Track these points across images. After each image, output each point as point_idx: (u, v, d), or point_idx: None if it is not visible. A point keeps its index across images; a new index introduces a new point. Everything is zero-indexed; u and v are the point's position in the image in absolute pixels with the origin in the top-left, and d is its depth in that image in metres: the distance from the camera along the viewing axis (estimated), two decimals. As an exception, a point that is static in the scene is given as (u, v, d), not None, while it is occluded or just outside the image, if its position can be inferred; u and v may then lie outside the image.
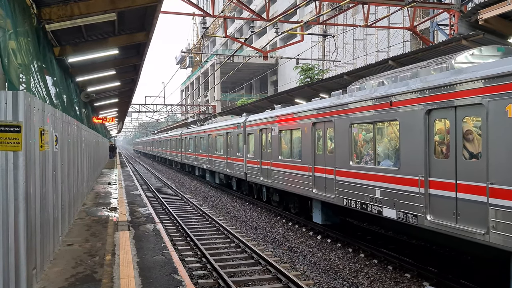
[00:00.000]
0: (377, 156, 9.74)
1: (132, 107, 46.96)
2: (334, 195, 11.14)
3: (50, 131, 6.61)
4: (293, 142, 14.10)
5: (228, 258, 10.67)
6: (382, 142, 9.88)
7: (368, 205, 9.70)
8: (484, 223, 6.72)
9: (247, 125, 18.63)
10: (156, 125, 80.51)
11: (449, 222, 7.42)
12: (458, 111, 7.33)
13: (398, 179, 8.74)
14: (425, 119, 7.98)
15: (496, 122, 6.56)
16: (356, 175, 10.23)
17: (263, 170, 16.32)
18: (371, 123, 9.85)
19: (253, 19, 21.61)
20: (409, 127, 8.42)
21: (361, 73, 15.11)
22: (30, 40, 6.91)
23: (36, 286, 5.72)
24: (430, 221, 7.86)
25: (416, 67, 9.24)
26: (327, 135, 11.75)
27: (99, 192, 16.18)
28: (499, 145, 6.51)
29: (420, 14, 27.74)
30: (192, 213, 17.27)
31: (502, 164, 6.45)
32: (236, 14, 60.06)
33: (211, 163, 24.97)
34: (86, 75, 13.89)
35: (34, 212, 5.55)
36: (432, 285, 8.36)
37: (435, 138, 7.96)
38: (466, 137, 7.27)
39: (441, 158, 7.81)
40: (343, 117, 10.79)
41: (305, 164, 12.78)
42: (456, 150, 7.36)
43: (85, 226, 9.87)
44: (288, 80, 43.91)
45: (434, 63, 8.75)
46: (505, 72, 6.40)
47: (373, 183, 9.53)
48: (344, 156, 10.74)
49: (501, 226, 6.44)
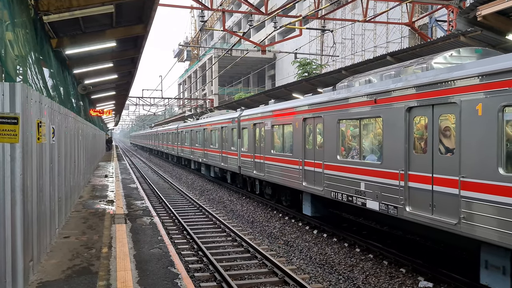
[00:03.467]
0: (363, 151, 10.19)
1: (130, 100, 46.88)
2: (322, 188, 11.55)
3: (47, 123, 6.59)
4: (285, 136, 14.46)
5: (225, 251, 10.70)
6: (367, 137, 10.30)
7: (354, 197, 10.14)
8: (456, 214, 7.19)
9: (241, 120, 18.95)
10: (154, 118, 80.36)
11: (426, 213, 7.89)
12: (435, 109, 7.79)
13: (381, 172, 9.19)
14: (406, 116, 8.43)
15: (468, 120, 7.02)
16: (343, 168, 10.67)
17: (257, 163, 16.67)
18: (357, 119, 10.29)
19: (252, 12, 21.53)
20: (392, 124, 8.88)
21: (359, 68, 15.10)
22: (28, 32, 6.87)
23: (33, 278, 5.73)
24: (409, 212, 8.31)
25: (399, 67, 9.57)
26: (316, 130, 12.14)
27: (96, 185, 16.17)
28: (470, 141, 6.98)
29: (419, 9, 27.72)
30: (189, 206, 17.29)
31: (473, 159, 6.93)
32: (234, 7, 59.84)
33: (207, 157, 25.33)
34: (84, 67, 13.83)
35: (31, 204, 5.55)
36: (427, 280, 8.42)
37: (415, 134, 8.39)
38: (443, 133, 7.71)
39: (419, 153, 8.25)
40: (331, 113, 11.20)
41: (296, 158, 13.19)
42: (433, 146, 7.82)
43: (82, 218, 9.87)
44: (286, 75, 43.88)
45: (416, 63, 9.15)
46: (476, 73, 6.88)
47: (358, 177, 9.97)
48: (332, 151, 11.17)
49: (471, 217, 6.91)
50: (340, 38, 36.06)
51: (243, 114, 18.90)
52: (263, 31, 52.81)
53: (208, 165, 26.09)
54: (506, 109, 6.45)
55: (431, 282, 8.30)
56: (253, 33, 54.89)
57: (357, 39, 35.61)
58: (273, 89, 23.64)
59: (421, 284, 8.29)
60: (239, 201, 18.34)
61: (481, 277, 7.31)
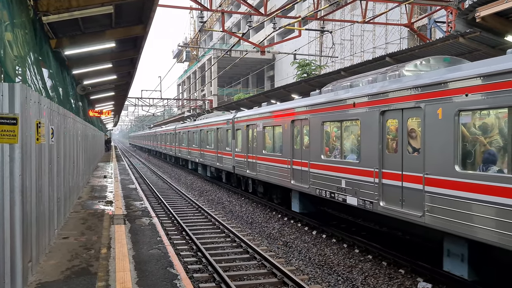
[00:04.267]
0: (344, 151, 11.01)
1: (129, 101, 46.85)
2: (308, 186, 12.31)
3: (46, 124, 6.59)
4: (275, 137, 15.27)
5: (224, 252, 10.70)
6: (348, 138, 11.06)
7: (335, 194, 10.92)
8: (421, 207, 7.97)
9: (235, 121, 19.59)
10: (153, 119, 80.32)
11: (397, 207, 8.67)
12: (404, 113, 8.57)
13: (359, 171, 9.97)
14: (380, 119, 9.20)
15: (430, 123, 7.80)
16: (326, 167, 11.47)
17: (249, 163, 17.37)
18: (339, 122, 11.11)
19: (251, 13, 21.54)
20: (368, 126, 9.63)
21: (358, 69, 15.12)
22: (27, 32, 6.86)
23: (32, 278, 5.73)
24: (382, 207, 9.10)
25: (377, 73, 10.37)
26: (303, 131, 12.88)
27: (94, 185, 16.16)
28: (432, 142, 7.75)
29: (418, 11, 27.76)
30: (187, 207, 17.28)
31: (434, 158, 7.71)
32: (233, 8, 59.85)
33: (203, 157, 25.98)
34: (83, 68, 13.81)
35: (30, 205, 5.54)
36: (426, 280, 8.43)
37: (388, 135, 9.16)
38: (410, 135, 8.48)
39: (391, 152, 9.02)
40: (316, 115, 11.99)
41: (285, 158, 13.92)
42: (403, 146, 8.59)
43: (81, 219, 9.87)
44: (285, 76, 43.91)
45: (390, 70, 9.93)
46: (437, 81, 7.68)
47: (340, 175, 10.75)
48: (317, 151, 11.95)
49: (433, 210, 7.69)
50: (339, 39, 36.09)
51: (237, 116, 19.57)
52: (262, 32, 52.83)
53: (204, 165, 26.70)
54: (462, 114, 7.23)
55: (430, 283, 8.30)
56: (252, 34, 54.91)
57: (356, 40, 35.65)
58: (272, 90, 23.65)
59: (420, 285, 8.29)
60: (238, 202, 18.33)
61: (444, 265, 8.10)
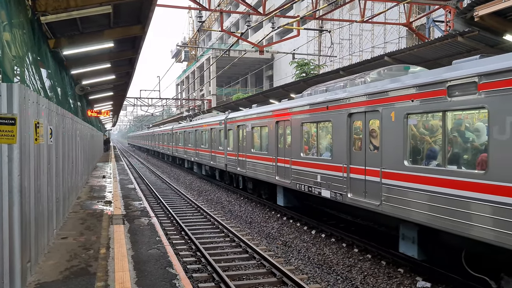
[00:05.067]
0: (319, 149, 12.13)
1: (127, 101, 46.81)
2: (290, 181, 13.41)
3: (44, 124, 6.58)
4: (262, 137, 16.39)
5: (223, 252, 10.69)
6: (323, 138, 12.14)
7: (312, 188, 12.02)
8: (379, 197, 9.05)
9: (227, 122, 20.63)
10: (151, 119, 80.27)
11: (361, 198, 9.79)
12: (366, 115, 9.67)
13: (331, 166, 11.11)
14: (348, 120, 10.34)
15: (385, 124, 8.92)
16: (305, 164, 12.57)
17: (240, 161, 18.48)
18: (315, 123, 12.21)
19: (250, 13, 21.53)
20: (338, 126, 10.75)
21: (357, 69, 15.12)
22: (25, 32, 6.85)
23: (31, 279, 5.72)
24: (350, 198, 10.22)
25: (348, 79, 11.50)
26: (286, 131, 13.95)
27: (93, 185, 16.15)
28: (387, 140, 8.88)
29: (416, 10, 27.77)
30: (186, 207, 17.28)
31: (389, 154, 8.83)
32: (232, 8, 59.84)
33: (198, 156, 27.09)
34: (81, 68, 13.80)
35: (29, 205, 5.54)
36: (425, 280, 8.43)
37: (354, 135, 10.25)
38: (371, 134, 9.56)
39: (357, 150, 10.11)
40: (297, 117, 13.10)
41: (270, 156, 15.06)
42: (366, 144, 9.70)
43: (80, 219, 9.86)
44: (283, 75, 43.91)
45: (358, 77, 11.10)
46: (390, 88, 8.85)
47: (316, 170, 11.89)
48: (297, 149, 13.07)
49: (388, 199, 8.81)
50: (338, 38, 36.09)
51: (229, 117, 20.61)
52: (261, 31, 52.80)
53: (199, 164, 27.78)
54: (409, 116, 8.33)
55: (429, 282, 8.31)
56: (251, 33, 54.90)
57: (355, 39, 35.67)
58: (271, 89, 23.65)
59: (419, 284, 8.30)
60: (237, 201, 18.33)
61: (400, 247, 9.15)
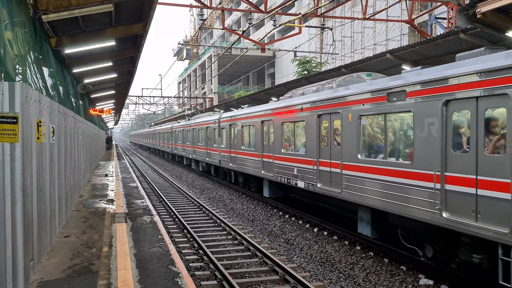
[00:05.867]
0: (296, 146, 13.67)
1: (129, 99, 46.82)
2: (273, 174, 15.08)
3: (47, 122, 6.58)
4: (250, 135, 17.91)
5: (225, 250, 10.70)
6: (298, 135, 13.52)
7: (291, 179, 13.66)
8: (340, 186, 10.73)
9: (221, 121, 22.13)
10: (153, 117, 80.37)
11: (327, 187, 11.43)
12: (332, 116, 11.29)
13: (305, 160, 12.69)
14: (317, 120, 11.94)
15: (345, 124, 10.58)
16: (285, 159, 14.23)
17: (232, 157, 20.08)
18: (293, 122, 13.75)
19: (251, 11, 21.50)
20: (310, 125, 12.35)
21: (359, 66, 15.09)
22: (27, 31, 6.85)
23: (33, 277, 5.74)
24: (319, 187, 11.84)
25: (320, 84, 13.17)
26: (270, 130, 15.57)
27: (96, 184, 16.17)
28: (346, 137, 10.54)
29: (418, 7, 27.66)
30: (189, 205, 17.29)
31: (347, 149, 10.50)
32: (233, 6, 59.74)
33: (195, 153, 28.82)
34: (83, 66, 13.80)
35: (31, 204, 5.54)
36: (427, 277, 8.43)
37: (322, 133, 11.80)
38: (335, 132, 11.09)
39: (325, 146, 11.66)
40: (277, 117, 14.75)
41: (257, 152, 16.73)
42: (331, 141, 11.32)
43: (82, 218, 9.87)
44: (285, 73, 43.84)
45: (327, 83, 12.71)
46: (347, 94, 10.56)
47: (293, 164, 13.47)
48: (279, 146, 14.73)
49: (347, 187, 10.46)
50: (340, 36, 36.03)
51: (222, 117, 22.12)
52: (263, 29, 52.71)
53: (197, 160, 29.49)
54: (361, 117, 10.00)
55: (431, 280, 8.30)
56: (253, 31, 54.82)
57: (357, 37, 35.58)
58: (273, 87, 23.62)
59: (422, 282, 8.30)
60: (239, 199, 18.34)
61: (358, 228, 10.64)
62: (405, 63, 13.35)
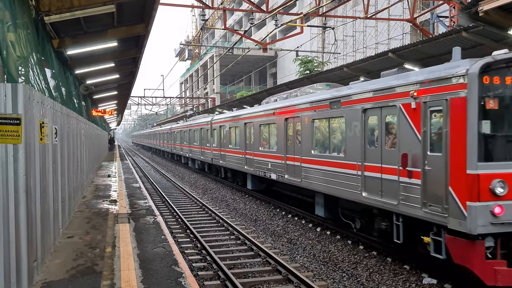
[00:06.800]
0: (270, 144, 16.08)
1: (131, 100, 46.89)
2: (253, 169, 17.57)
3: (49, 123, 6.60)
4: (236, 135, 20.28)
5: (228, 250, 10.70)
6: (272, 135, 16.01)
7: (266, 173, 16.20)
8: (300, 176, 13.11)
9: (212, 123, 24.57)
10: (156, 118, 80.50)
11: (292, 177, 13.82)
12: (294, 119, 13.64)
13: (276, 156, 15.19)
14: (284, 123, 14.33)
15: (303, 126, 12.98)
16: (262, 155, 16.69)
17: (222, 155, 22.50)
18: (267, 124, 16.28)
19: (253, 11, 21.50)
20: (280, 127, 14.83)
21: (361, 65, 15.08)
22: (29, 32, 6.87)
23: (37, 278, 5.75)
24: (287, 178, 14.25)
25: (289, 93, 16.08)
26: (251, 131, 17.96)
27: (99, 184, 16.20)
28: (304, 136, 12.94)
29: (420, 6, 27.59)
30: (191, 205, 17.30)
31: (305, 146, 12.84)
32: (235, 6, 59.71)
33: (192, 152, 31.17)
34: (85, 67, 13.84)
35: (35, 205, 5.56)
36: (431, 276, 8.41)
37: (288, 133, 14.19)
38: (297, 132, 13.37)
39: (291, 144, 13.99)
40: (256, 120, 17.32)
41: (241, 150, 19.14)
42: (294, 139, 13.75)
43: (85, 218, 9.89)
44: (287, 73, 43.79)
45: (293, 92, 15.44)
46: (304, 102, 13.03)
47: (268, 160, 15.99)
48: (258, 144, 17.18)
49: (305, 177, 12.81)
50: (342, 35, 35.95)
51: (214, 119, 24.65)
52: (264, 29, 52.65)
53: (193, 159, 31.91)
54: (314, 121, 12.36)
55: (435, 279, 8.29)
56: (254, 31, 54.77)
57: (359, 36, 35.50)
58: (275, 87, 23.61)
59: (425, 281, 8.28)
60: (242, 199, 18.35)
61: (315, 211, 12.94)
62: (407, 62, 13.33)
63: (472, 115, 7.07)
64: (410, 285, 8.26)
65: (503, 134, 7.37)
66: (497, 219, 6.99)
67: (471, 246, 7.14)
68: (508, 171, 7.13)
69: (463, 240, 7.20)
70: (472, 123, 7.06)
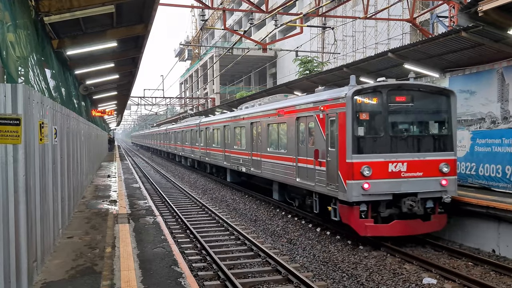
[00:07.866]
0: (241, 143, 19.28)
1: (131, 100, 46.90)
2: (230, 164, 21.00)
3: (49, 124, 6.59)
4: (218, 136, 23.80)
5: (228, 250, 10.71)
6: (242, 136, 19.21)
7: (238, 166, 19.57)
8: (260, 168, 16.53)
9: (200, 125, 28.36)
10: (155, 118, 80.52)
11: (255, 169, 17.26)
12: (257, 124, 16.97)
13: (245, 153, 18.52)
14: (249, 126, 17.85)
15: (262, 129, 16.44)
16: (236, 153, 19.97)
17: (207, 153, 26.26)
18: (240, 127, 19.56)
19: (252, 11, 21.52)
20: (247, 129, 18.32)
21: (360, 65, 15.09)
22: (29, 33, 6.87)
23: (37, 278, 5.75)
24: (252, 171, 17.64)
25: (256, 101, 19.73)
26: (229, 132, 21.34)
27: (98, 185, 16.20)
28: (262, 137, 16.46)
29: (420, 6, 27.59)
30: (191, 205, 17.31)
31: (263, 144, 16.24)
32: (235, 6, 59.69)
33: (184, 151, 35.05)
34: (85, 68, 13.83)
35: (34, 205, 5.56)
36: (431, 277, 8.42)
37: (253, 133, 17.48)
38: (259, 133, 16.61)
39: (255, 143, 17.18)
40: (232, 123, 20.75)
41: (221, 148, 22.71)
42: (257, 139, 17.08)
43: (85, 218, 9.89)
44: (287, 73, 43.78)
45: (258, 101, 19.36)
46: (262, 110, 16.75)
47: (240, 156, 19.35)
48: (233, 143, 20.64)
49: (264, 169, 16.24)
50: (341, 35, 35.95)
51: (202, 121, 28.55)
52: (264, 29, 52.62)
53: (185, 157, 35.68)
54: (269, 125, 15.82)
55: (435, 279, 8.29)
56: (254, 31, 54.76)
57: (358, 36, 35.50)
58: (275, 87, 23.63)
59: (425, 281, 8.29)
60: (242, 199, 18.35)
61: (273, 195, 16.43)
62: (407, 62, 13.35)
63: (349, 123, 10.35)
64: (410, 285, 8.27)
65: (370, 136, 10.64)
66: (366, 192, 10.20)
67: (350, 210, 10.43)
68: (373, 160, 10.37)
69: (347, 206, 10.52)
70: (349, 129, 10.34)
